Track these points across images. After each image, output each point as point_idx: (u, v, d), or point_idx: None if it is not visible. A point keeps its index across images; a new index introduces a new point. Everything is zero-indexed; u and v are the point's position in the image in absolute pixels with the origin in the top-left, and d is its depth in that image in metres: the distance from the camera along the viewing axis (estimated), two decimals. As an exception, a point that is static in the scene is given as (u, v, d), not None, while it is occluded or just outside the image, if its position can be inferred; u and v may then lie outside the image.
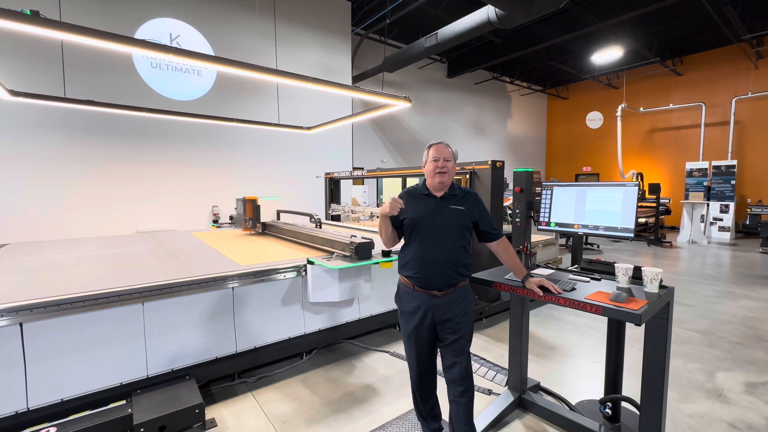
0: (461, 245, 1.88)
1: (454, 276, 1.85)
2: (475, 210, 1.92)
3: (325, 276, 2.83)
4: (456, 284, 1.86)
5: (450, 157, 1.90)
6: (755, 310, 4.38)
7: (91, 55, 5.71)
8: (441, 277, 1.84)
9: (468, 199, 1.93)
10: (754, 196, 10.81)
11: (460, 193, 1.94)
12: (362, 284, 2.99)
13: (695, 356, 3.21)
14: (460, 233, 1.88)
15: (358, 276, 2.95)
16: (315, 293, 2.84)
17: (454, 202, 1.90)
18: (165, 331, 2.46)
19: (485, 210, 1.96)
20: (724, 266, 6.82)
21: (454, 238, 1.86)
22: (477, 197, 1.97)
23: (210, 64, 3.06)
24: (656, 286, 1.78)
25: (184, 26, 6.61)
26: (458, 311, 1.86)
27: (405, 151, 11.45)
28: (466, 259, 1.90)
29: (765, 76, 10.43)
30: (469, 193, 1.97)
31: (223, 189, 7.23)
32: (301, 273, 2.95)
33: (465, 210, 1.88)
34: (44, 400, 2.10)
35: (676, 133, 12.42)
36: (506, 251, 1.98)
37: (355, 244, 2.86)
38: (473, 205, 1.92)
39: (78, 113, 5.71)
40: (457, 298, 1.87)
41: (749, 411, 2.45)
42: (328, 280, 2.84)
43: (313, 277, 2.82)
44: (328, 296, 2.87)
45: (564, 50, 10.74)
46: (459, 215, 1.88)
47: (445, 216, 1.87)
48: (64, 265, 2.94)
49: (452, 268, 1.84)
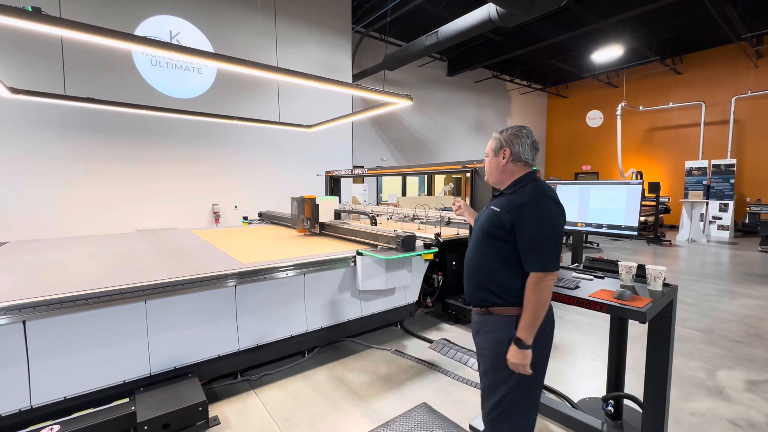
0: (490, 257, 1.49)
1: (477, 293, 1.53)
2: (514, 216, 1.42)
3: (374, 266, 3.15)
4: (486, 306, 1.52)
5: (488, 153, 1.62)
6: (755, 308, 4.39)
7: (91, 53, 5.69)
8: (468, 290, 1.59)
9: (512, 199, 1.47)
10: (753, 195, 10.84)
11: (510, 191, 1.52)
12: (405, 274, 3.36)
13: (696, 354, 3.22)
14: (481, 241, 1.52)
15: (402, 266, 3.31)
16: (364, 282, 3.14)
17: (497, 202, 1.54)
18: (167, 329, 2.46)
19: (530, 223, 1.40)
20: (724, 265, 6.84)
21: (476, 246, 1.55)
22: (530, 200, 1.42)
23: (211, 61, 3.04)
24: (660, 284, 1.78)
25: (184, 24, 6.59)
26: (484, 343, 1.54)
27: (405, 150, 11.45)
28: (497, 276, 1.47)
29: (765, 75, 10.43)
30: (522, 193, 1.47)
31: (224, 187, 7.23)
32: (349, 264, 3.18)
33: (499, 212, 1.47)
34: (47, 398, 2.10)
35: (676, 131, 12.43)
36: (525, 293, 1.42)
37: (401, 237, 3.10)
38: (516, 209, 1.43)
39: (78, 111, 5.69)
40: (487, 325, 1.52)
41: (750, 409, 2.46)
42: (376, 270, 3.16)
43: (363, 267, 3.11)
44: (376, 284, 3.18)
45: (564, 49, 10.74)
46: (489, 217, 1.51)
47: (480, 217, 1.60)
48: (65, 263, 2.93)
49: (476, 283, 1.53)
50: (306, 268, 2.96)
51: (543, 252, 1.39)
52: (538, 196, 1.43)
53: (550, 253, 1.39)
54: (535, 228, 1.39)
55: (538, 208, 1.41)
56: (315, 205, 4.14)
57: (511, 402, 1.48)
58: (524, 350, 1.40)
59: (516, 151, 1.53)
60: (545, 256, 1.38)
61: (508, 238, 1.44)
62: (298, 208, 4.22)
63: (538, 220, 1.40)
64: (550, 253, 1.39)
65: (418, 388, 2.70)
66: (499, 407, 1.49)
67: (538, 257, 1.39)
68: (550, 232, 1.40)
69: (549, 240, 1.40)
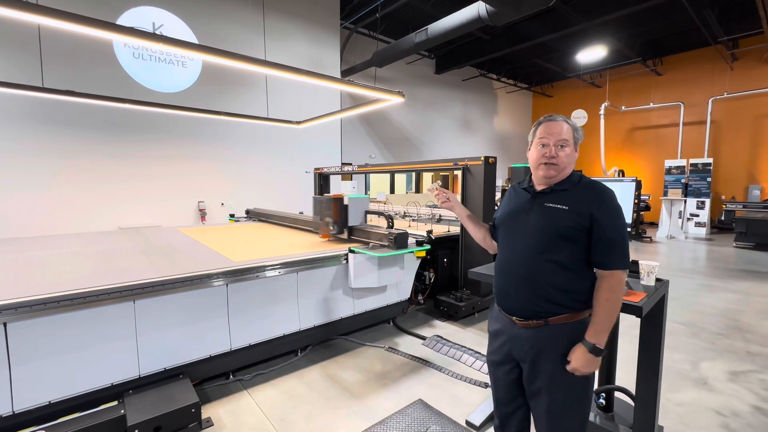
0: (552, 260, 1.34)
1: (537, 302, 1.36)
2: (594, 211, 1.30)
3: (366, 263, 3.12)
4: (545, 317, 1.36)
5: (567, 140, 1.40)
6: (733, 302, 4.56)
7: (71, 44, 5.47)
8: (518, 300, 1.41)
9: (583, 196, 1.34)
10: (728, 193, 11.26)
11: (570, 186, 1.38)
12: (398, 271, 3.35)
13: (680, 347, 3.33)
14: (546, 242, 1.35)
15: (394, 264, 3.29)
16: (356, 279, 3.11)
17: (555, 199, 1.37)
18: (157, 330, 2.39)
19: (611, 219, 1.31)
20: (701, 260, 7.08)
21: (537, 249, 1.36)
22: (604, 195, 1.33)
23: (198, 53, 2.96)
24: (653, 279, 1.82)
25: (167, 15, 6.40)
26: (546, 355, 1.36)
27: (392, 147, 11.45)
28: (563, 281, 1.34)
29: (740, 77, 10.83)
30: (591, 187, 1.36)
31: (210, 184, 7.08)
32: (341, 261, 3.16)
33: (567, 210, 1.33)
34: (31, 403, 2.01)
35: (656, 131, 12.79)
36: (599, 294, 1.31)
37: (394, 235, 3.08)
38: (589, 205, 1.31)
39: (57, 105, 5.47)
40: (548, 337, 1.36)
41: (733, 398, 2.55)
42: (369, 267, 3.14)
43: (355, 264, 3.08)
44: (369, 282, 3.16)
45: (550, 49, 10.90)
46: (553, 216, 1.35)
47: (533, 216, 1.40)
48: (46, 262, 2.81)
49: (535, 290, 1.36)
50: (298, 266, 2.93)
51: (624, 247, 1.32)
52: (606, 190, 1.35)
53: (628, 249, 1.35)
54: (616, 223, 1.32)
55: (614, 202, 1.34)
56: (344, 206, 3.53)
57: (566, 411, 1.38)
58: (598, 357, 1.29)
59: None
60: (625, 252, 1.33)
61: (582, 238, 1.32)
62: (323, 209, 3.59)
63: (617, 214, 1.33)
64: (628, 249, 1.35)
65: (413, 385, 2.71)
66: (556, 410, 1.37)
67: (621, 254, 1.31)
68: (625, 226, 1.36)
69: (626, 235, 1.35)
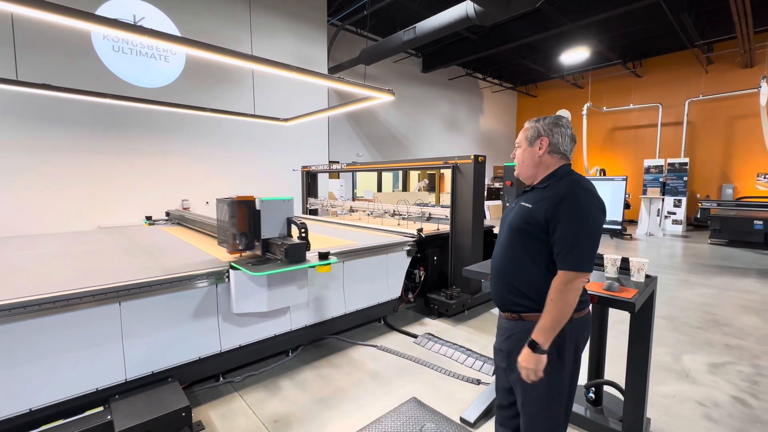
0: (522, 257, 1.39)
1: (507, 295, 1.43)
2: (548, 211, 1.31)
3: (250, 284, 2.47)
4: (518, 312, 1.41)
5: (519, 142, 1.50)
6: (710, 296, 4.74)
7: (47, 35, 5.25)
8: (495, 293, 1.50)
9: (548, 195, 1.35)
10: (702, 192, 11.68)
11: (551, 184, 1.39)
12: (295, 291, 2.62)
13: (662, 341, 3.43)
14: (512, 239, 1.41)
15: (290, 281, 2.60)
16: (239, 303, 2.47)
17: (529, 197, 1.43)
18: (144, 332, 2.31)
19: (565, 218, 1.29)
20: (679, 257, 7.34)
21: (506, 245, 1.44)
22: (566, 193, 1.31)
23: (183, 46, 2.88)
24: (643, 276, 1.87)
25: (149, 7, 6.20)
26: (514, 345, 1.41)
27: (379, 145, 11.42)
28: (532, 279, 1.37)
29: (714, 80, 11.24)
30: (559, 187, 1.35)
31: (193, 182, 6.91)
32: (224, 279, 2.52)
33: (530, 208, 1.37)
34: (9, 411, 1.92)
35: (635, 131, 13.16)
36: (549, 293, 1.31)
37: (286, 246, 2.39)
38: (549, 204, 1.32)
39: (32, 98, 5.24)
40: (521, 332, 1.39)
41: (714, 390, 2.65)
42: (254, 288, 2.49)
43: (237, 284, 2.44)
44: (256, 306, 2.51)
45: (535, 49, 11.08)
46: (519, 213, 1.41)
47: (511, 213, 1.47)
48: (24, 264, 2.69)
49: (503, 283, 1.44)
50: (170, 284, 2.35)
51: (577, 249, 1.27)
52: (576, 189, 1.31)
53: (585, 252, 1.28)
54: (571, 223, 1.28)
55: (576, 201, 1.29)
56: (254, 212, 2.56)
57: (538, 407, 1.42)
58: (539, 355, 1.28)
59: (555, 142, 1.41)
60: (578, 254, 1.27)
61: (543, 236, 1.33)
62: (228, 216, 2.57)
63: (574, 214, 1.28)
64: (585, 252, 1.28)
65: (406, 383, 2.71)
66: (530, 405, 1.43)
67: (571, 254, 1.27)
68: (587, 228, 1.28)
69: (585, 237, 1.28)
